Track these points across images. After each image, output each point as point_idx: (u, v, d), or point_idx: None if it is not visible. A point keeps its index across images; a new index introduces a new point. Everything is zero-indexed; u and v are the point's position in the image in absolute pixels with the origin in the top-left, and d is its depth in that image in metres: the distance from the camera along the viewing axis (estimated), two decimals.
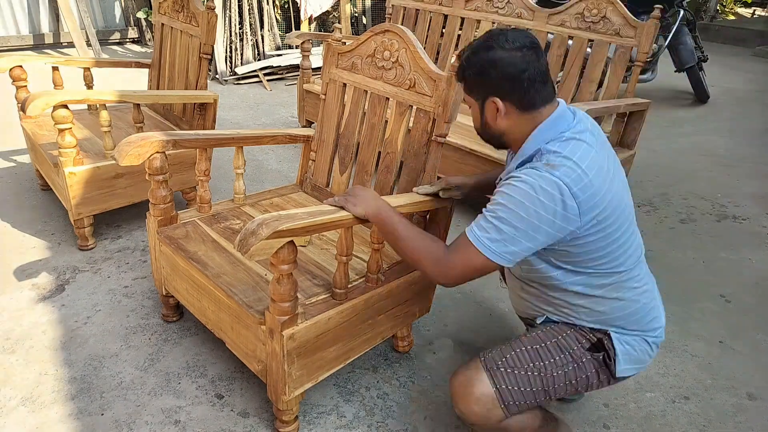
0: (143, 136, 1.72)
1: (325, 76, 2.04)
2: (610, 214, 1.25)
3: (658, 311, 1.42)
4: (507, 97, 1.28)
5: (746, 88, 6.15)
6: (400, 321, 1.80)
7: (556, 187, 1.19)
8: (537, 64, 1.25)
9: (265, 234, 1.21)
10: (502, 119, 1.31)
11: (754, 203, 3.35)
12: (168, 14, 2.78)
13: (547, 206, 1.19)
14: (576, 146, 1.24)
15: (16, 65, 2.63)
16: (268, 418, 1.66)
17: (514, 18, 3.09)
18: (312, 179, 2.16)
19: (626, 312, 1.36)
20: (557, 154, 1.23)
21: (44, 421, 1.62)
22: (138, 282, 2.25)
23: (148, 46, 6.40)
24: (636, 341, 1.38)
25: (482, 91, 1.31)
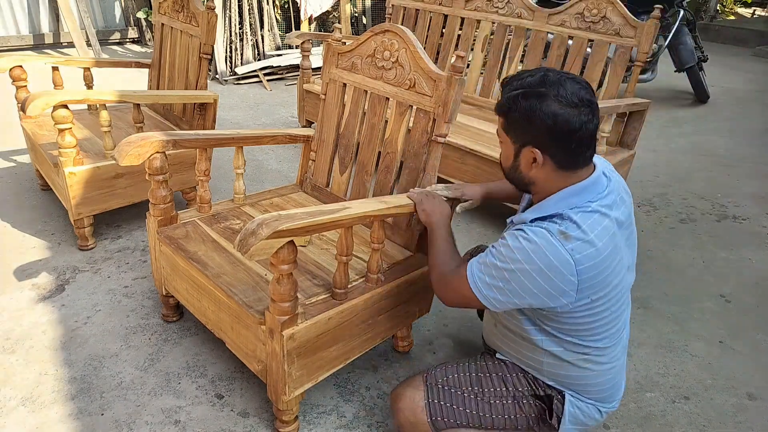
0: (143, 136, 1.72)
1: (325, 76, 2.04)
2: (605, 295, 1.22)
3: (620, 386, 1.42)
4: (548, 152, 1.20)
5: (746, 88, 6.15)
6: (400, 321, 1.80)
7: (563, 261, 1.15)
8: (590, 125, 1.17)
9: (265, 234, 1.21)
10: (537, 170, 1.24)
11: (754, 203, 3.35)
12: (168, 14, 2.78)
13: (547, 276, 1.16)
14: (597, 221, 1.19)
15: (16, 65, 2.63)
16: (268, 418, 1.66)
17: (514, 18, 3.09)
18: (312, 179, 2.16)
19: (590, 382, 1.35)
20: (576, 226, 1.17)
21: (44, 421, 1.62)
22: (138, 282, 2.25)
23: (148, 46, 6.40)
24: (588, 408, 1.38)
25: (523, 138, 1.22)
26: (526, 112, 1.18)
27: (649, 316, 2.25)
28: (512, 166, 1.28)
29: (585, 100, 1.16)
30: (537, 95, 1.16)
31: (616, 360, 1.37)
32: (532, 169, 1.24)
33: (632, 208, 1.34)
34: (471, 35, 3.30)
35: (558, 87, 1.16)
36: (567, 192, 1.22)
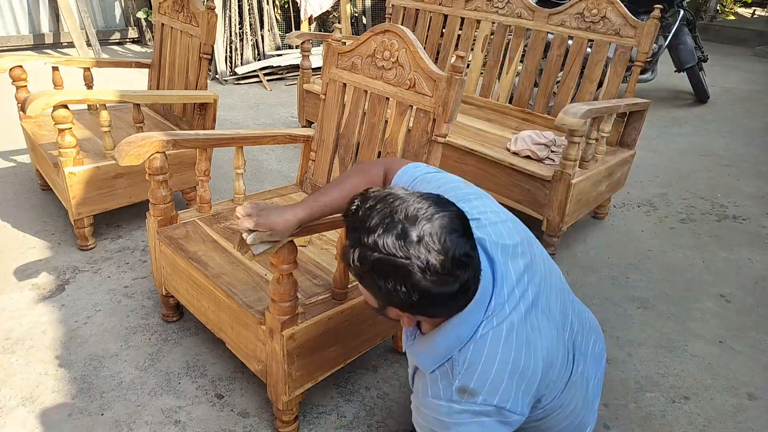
0: (143, 136, 1.72)
1: (325, 76, 2.04)
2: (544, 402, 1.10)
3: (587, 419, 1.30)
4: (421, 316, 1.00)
5: (746, 88, 6.15)
6: None
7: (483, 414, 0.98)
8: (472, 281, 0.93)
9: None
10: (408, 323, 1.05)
11: (754, 203, 3.35)
12: (168, 14, 2.78)
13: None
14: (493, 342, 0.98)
15: (16, 65, 2.62)
16: (268, 418, 1.66)
17: (514, 18, 3.09)
18: (312, 179, 2.16)
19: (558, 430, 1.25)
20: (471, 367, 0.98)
21: (44, 421, 1.62)
22: (138, 282, 2.25)
23: (148, 46, 6.40)
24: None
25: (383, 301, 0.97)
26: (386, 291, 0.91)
27: (649, 316, 2.25)
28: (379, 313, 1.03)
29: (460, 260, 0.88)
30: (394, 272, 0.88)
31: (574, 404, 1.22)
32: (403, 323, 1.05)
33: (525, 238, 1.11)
34: (471, 35, 3.30)
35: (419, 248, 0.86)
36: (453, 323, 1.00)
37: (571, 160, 2.30)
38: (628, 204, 3.24)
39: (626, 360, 2.00)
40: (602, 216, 3.01)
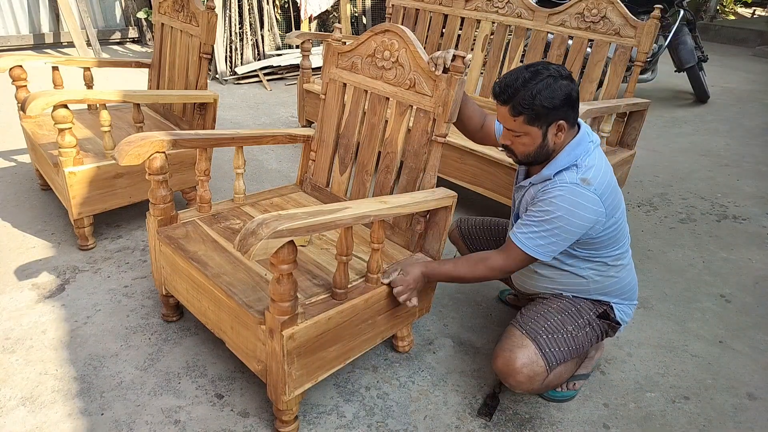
0: (143, 135, 1.72)
1: (325, 76, 2.04)
2: (618, 206, 1.57)
3: (636, 283, 1.77)
4: (568, 118, 1.49)
5: (746, 88, 6.15)
6: (400, 321, 1.80)
7: (592, 201, 1.48)
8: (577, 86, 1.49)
9: (265, 234, 1.21)
10: (560, 138, 1.50)
11: (754, 203, 3.35)
12: (168, 14, 2.78)
13: (584, 217, 1.48)
14: (599, 155, 1.54)
15: (16, 65, 2.63)
16: (268, 418, 1.66)
17: (514, 18, 3.09)
18: (312, 179, 2.16)
19: (620, 287, 1.70)
20: (589, 169, 1.50)
21: (44, 421, 1.62)
22: (138, 282, 2.25)
23: (148, 46, 6.40)
24: (626, 308, 1.75)
25: (551, 118, 1.46)
26: (550, 98, 1.43)
27: (649, 316, 2.25)
28: (540, 146, 1.51)
29: (569, 74, 1.48)
30: (548, 83, 1.42)
31: (630, 262, 1.73)
32: (557, 138, 1.50)
33: None
34: (471, 35, 3.30)
35: (549, 69, 1.44)
36: (574, 143, 1.53)
37: None
38: (628, 204, 3.24)
39: (626, 360, 2.00)
40: None
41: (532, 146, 1.52)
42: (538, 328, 1.62)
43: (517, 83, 1.44)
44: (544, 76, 1.43)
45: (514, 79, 1.45)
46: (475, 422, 1.70)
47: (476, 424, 1.69)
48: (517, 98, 1.44)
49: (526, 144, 1.52)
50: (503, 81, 1.47)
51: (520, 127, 1.49)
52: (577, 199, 1.47)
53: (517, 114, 1.47)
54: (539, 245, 1.52)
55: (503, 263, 1.59)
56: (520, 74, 1.45)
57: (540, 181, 1.57)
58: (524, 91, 1.43)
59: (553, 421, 1.72)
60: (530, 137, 1.50)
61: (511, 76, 1.46)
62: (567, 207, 1.47)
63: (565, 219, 1.48)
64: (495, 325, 2.15)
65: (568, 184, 1.49)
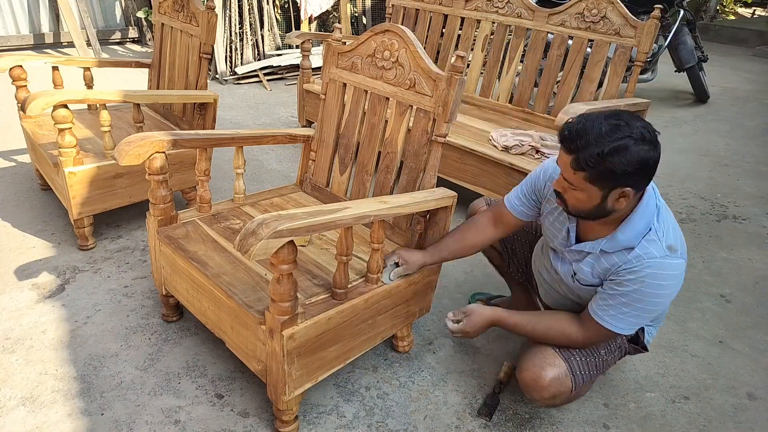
0: (143, 135, 1.72)
1: (325, 76, 2.04)
2: None
3: None
4: (635, 186, 1.31)
5: (746, 88, 6.15)
6: (400, 321, 1.80)
7: (680, 268, 1.38)
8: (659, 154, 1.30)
9: (265, 234, 1.21)
10: (622, 204, 1.34)
11: (754, 203, 3.35)
12: (168, 14, 2.78)
13: (676, 286, 1.39)
14: (666, 212, 1.43)
15: (16, 65, 2.63)
16: (268, 418, 1.66)
17: (514, 18, 3.09)
18: (312, 179, 2.16)
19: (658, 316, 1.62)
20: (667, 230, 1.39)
21: (44, 421, 1.62)
22: (138, 282, 2.25)
23: (148, 45, 6.40)
24: (654, 329, 1.67)
25: (613, 183, 1.30)
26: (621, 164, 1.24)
27: None
28: (596, 207, 1.36)
29: (653, 134, 1.27)
30: (625, 147, 1.23)
31: None
32: (618, 204, 1.34)
33: None
34: (471, 35, 3.30)
35: (631, 129, 1.25)
36: (644, 205, 1.38)
37: None
38: None
39: (626, 360, 1.99)
40: None
41: (587, 204, 1.36)
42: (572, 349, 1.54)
43: (589, 135, 1.25)
44: (623, 136, 1.23)
45: (589, 128, 1.26)
46: (475, 422, 1.70)
47: (476, 424, 1.69)
48: (584, 152, 1.26)
49: (581, 200, 1.36)
50: (575, 126, 1.29)
51: (579, 183, 1.32)
52: (669, 272, 1.36)
53: (579, 169, 1.29)
54: (628, 323, 1.43)
55: (584, 340, 1.50)
56: (597, 124, 1.26)
57: (617, 249, 1.41)
58: (595, 147, 1.24)
59: (553, 421, 1.72)
60: (587, 195, 1.33)
61: (587, 122, 1.28)
62: (660, 283, 1.36)
63: (658, 294, 1.38)
64: None
65: (657, 259, 1.35)
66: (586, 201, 1.35)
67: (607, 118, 1.27)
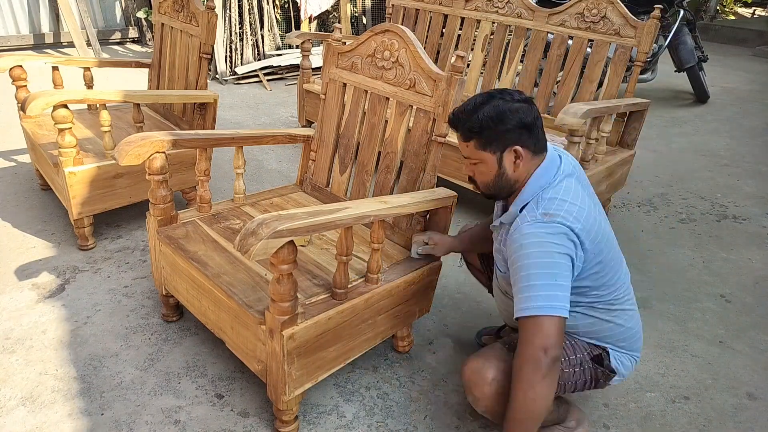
0: (143, 135, 1.72)
1: (325, 76, 2.04)
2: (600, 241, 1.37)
3: (640, 335, 1.56)
4: (525, 144, 1.36)
5: (746, 88, 6.15)
6: (400, 321, 1.80)
7: (559, 231, 1.30)
8: (539, 114, 1.39)
9: (265, 234, 1.21)
10: (520, 166, 1.38)
11: (754, 203, 3.35)
12: (168, 14, 2.78)
13: (558, 245, 1.29)
14: (567, 185, 1.37)
15: (16, 65, 2.63)
16: (268, 418, 1.66)
17: (514, 18, 3.09)
18: (312, 179, 2.16)
19: (614, 333, 1.49)
20: (553, 200, 1.34)
21: (44, 421, 1.62)
22: (138, 282, 2.25)
23: (148, 46, 6.40)
24: (625, 358, 1.53)
25: (502, 142, 1.36)
26: (498, 119, 1.33)
27: (649, 316, 2.25)
28: (497, 175, 1.40)
29: (526, 97, 1.38)
30: (498, 105, 1.34)
31: (630, 308, 1.51)
32: (516, 167, 1.38)
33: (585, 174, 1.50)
34: (471, 35, 3.30)
35: (505, 93, 1.36)
36: (537, 174, 1.39)
37: None
38: (628, 204, 3.24)
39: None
40: None
41: (489, 175, 1.41)
42: None
43: (468, 108, 1.37)
44: (496, 100, 1.35)
45: (467, 104, 1.39)
46: (476, 422, 1.70)
47: (476, 425, 1.69)
48: (467, 122, 1.37)
49: (484, 173, 1.42)
50: (457, 108, 1.41)
51: (474, 153, 1.40)
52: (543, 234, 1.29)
53: (467, 139, 1.39)
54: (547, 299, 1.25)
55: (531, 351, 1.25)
56: (473, 99, 1.38)
57: (509, 220, 1.43)
58: (473, 115, 1.35)
59: None
60: (486, 165, 1.40)
61: (465, 102, 1.40)
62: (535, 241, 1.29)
63: (539, 252, 1.28)
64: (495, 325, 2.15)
65: (528, 222, 1.32)
66: (488, 172, 1.41)
67: (482, 94, 1.39)
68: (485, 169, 1.41)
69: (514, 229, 1.36)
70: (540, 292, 1.26)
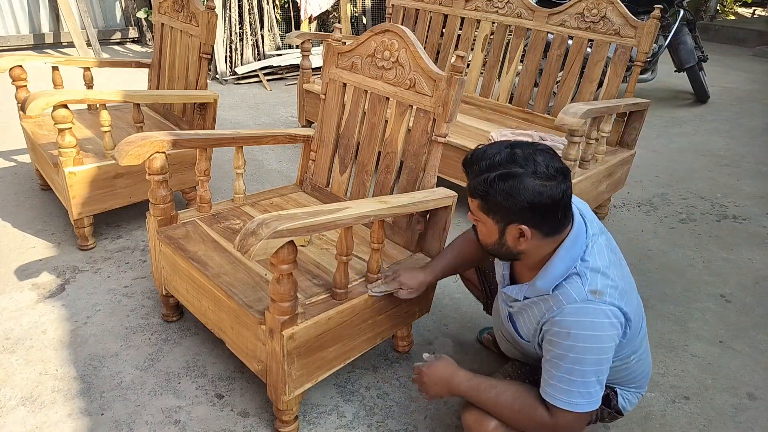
0: (143, 135, 1.72)
1: (325, 76, 2.04)
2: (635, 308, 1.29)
3: (649, 370, 1.51)
4: (535, 226, 1.20)
5: (746, 88, 6.15)
6: (400, 321, 1.80)
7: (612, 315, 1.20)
8: (569, 191, 1.19)
9: (265, 234, 1.21)
10: (526, 243, 1.23)
11: (754, 203, 3.35)
12: (168, 14, 2.78)
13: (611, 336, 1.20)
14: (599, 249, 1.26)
15: (16, 65, 2.63)
16: (268, 418, 1.66)
17: (514, 18, 3.09)
18: (312, 179, 2.16)
19: (628, 374, 1.43)
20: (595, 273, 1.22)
21: (44, 421, 1.62)
22: (138, 282, 2.25)
23: (148, 46, 6.40)
24: (631, 395, 1.49)
25: (507, 218, 1.20)
26: (507, 194, 1.15)
27: (649, 316, 2.25)
28: (497, 243, 1.26)
29: (559, 170, 1.17)
30: (514, 175, 1.15)
31: (644, 351, 1.44)
32: (519, 243, 1.23)
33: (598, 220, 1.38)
34: (471, 35, 3.30)
35: (530, 163, 1.15)
36: (566, 247, 1.24)
37: (571, 160, 2.30)
38: (628, 204, 3.24)
39: None
40: (602, 216, 3.01)
41: (489, 239, 1.27)
42: None
43: (483, 162, 1.18)
44: (516, 165, 1.15)
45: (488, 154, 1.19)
46: None
47: None
48: (474, 181, 1.20)
49: (483, 233, 1.29)
50: (479, 151, 1.22)
51: (476, 212, 1.25)
52: (597, 320, 1.18)
53: (473, 197, 1.23)
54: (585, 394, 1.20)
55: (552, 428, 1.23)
56: (496, 150, 1.19)
57: (536, 296, 1.29)
58: (485, 174, 1.17)
59: None
60: (486, 228, 1.26)
61: (490, 147, 1.21)
62: (590, 334, 1.18)
63: (594, 349, 1.18)
64: None
65: (578, 305, 1.20)
66: (488, 235, 1.27)
67: (511, 146, 1.19)
68: (485, 231, 1.27)
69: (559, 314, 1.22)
70: (582, 389, 1.20)
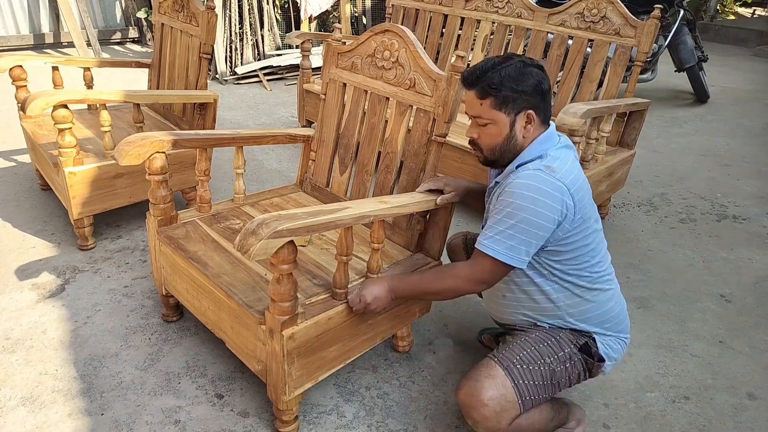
0: (143, 135, 1.72)
1: (325, 76, 2.04)
2: (590, 216, 1.43)
3: (625, 315, 1.58)
4: (538, 109, 1.40)
5: (746, 88, 6.15)
6: (400, 321, 1.80)
7: (558, 188, 1.33)
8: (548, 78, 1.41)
9: (266, 234, 1.21)
10: (529, 131, 1.41)
11: (754, 203, 3.35)
12: (168, 14, 2.78)
13: (550, 206, 1.33)
14: (567, 153, 1.43)
15: (16, 65, 2.63)
16: (268, 418, 1.66)
17: (514, 18, 3.09)
18: (312, 179, 2.16)
19: (599, 313, 1.51)
20: (555, 158, 1.38)
21: (44, 421, 1.62)
22: (138, 282, 2.25)
23: (148, 46, 6.40)
24: (612, 341, 1.54)
25: (518, 104, 1.38)
26: (517, 80, 1.36)
27: (649, 316, 2.25)
28: (506, 138, 1.42)
29: (541, 65, 1.41)
30: (517, 65, 1.37)
31: (611, 287, 1.53)
32: (526, 132, 1.41)
33: None
34: (471, 35, 3.30)
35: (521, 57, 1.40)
36: (541, 139, 1.42)
37: None
38: (628, 204, 3.25)
39: (626, 360, 1.99)
40: (602, 216, 3.01)
41: (499, 137, 1.41)
42: (512, 357, 1.42)
43: (486, 65, 1.38)
44: (515, 61, 1.38)
45: (485, 62, 1.40)
46: None
47: None
48: (485, 79, 1.37)
49: (493, 134, 1.42)
50: (473, 65, 1.42)
51: (487, 113, 1.40)
52: (541, 186, 1.32)
53: (484, 96, 1.38)
54: (508, 246, 1.34)
55: (469, 271, 1.41)
56: (491, 59, 1.41)
57: (504, 176, 1.46)
58: (493, 73, 1.36)
59: None
60: (497, 126, 1.40)
61: (482, 61, 1.42)
62: (530, 195, 1.32)
63: (530, 209, 1.32)
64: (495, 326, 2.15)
65: (530, 171, 1.36)
66: (498, 133, 1.41)
67: (498, 56, 1.42)
68: (495, 130, 1.42)
69: (513, 177, 1.38)
70: (507, 242, 1.35)
